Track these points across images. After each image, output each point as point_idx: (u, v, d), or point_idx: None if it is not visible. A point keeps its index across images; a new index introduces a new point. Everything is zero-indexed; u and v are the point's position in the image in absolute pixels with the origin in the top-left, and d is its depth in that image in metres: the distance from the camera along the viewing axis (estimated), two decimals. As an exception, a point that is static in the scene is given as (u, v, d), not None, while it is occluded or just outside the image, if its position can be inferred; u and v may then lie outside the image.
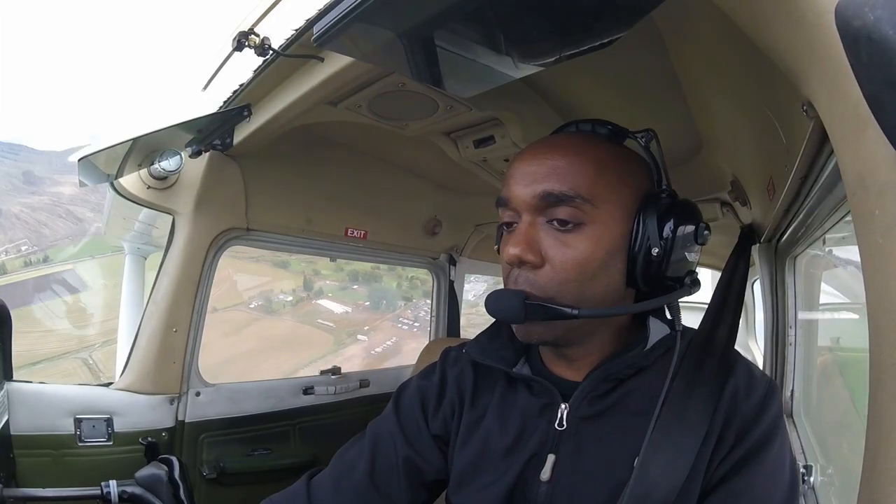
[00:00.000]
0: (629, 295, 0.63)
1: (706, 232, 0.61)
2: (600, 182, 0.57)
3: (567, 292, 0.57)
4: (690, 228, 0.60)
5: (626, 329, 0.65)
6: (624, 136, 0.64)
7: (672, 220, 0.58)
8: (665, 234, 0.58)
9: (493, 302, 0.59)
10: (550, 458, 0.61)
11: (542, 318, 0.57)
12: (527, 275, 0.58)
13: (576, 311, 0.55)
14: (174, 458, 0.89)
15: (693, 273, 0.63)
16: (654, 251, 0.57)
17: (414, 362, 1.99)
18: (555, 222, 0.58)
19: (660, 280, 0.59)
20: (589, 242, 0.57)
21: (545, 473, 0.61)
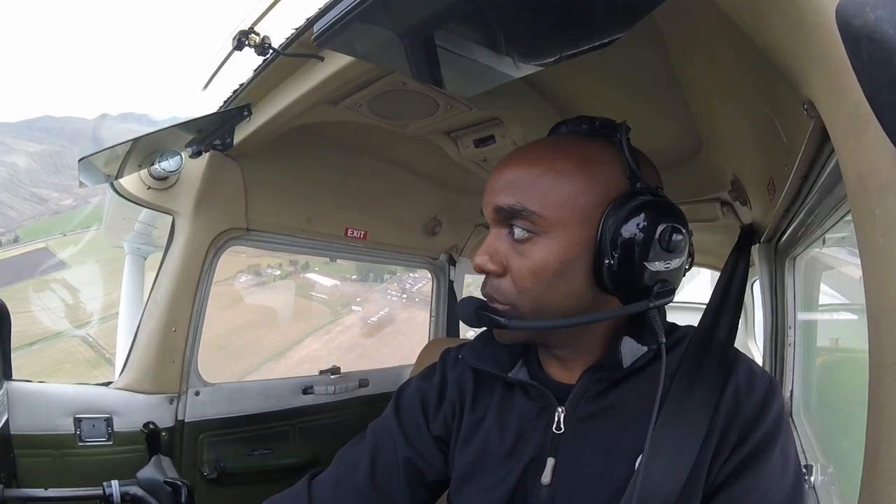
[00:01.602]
0: (607, 301, 0.61)
1: (675, 235, 0.55)
2: (552, 193, 0.57)
3: (526, 300, 0.59)
4: (653, 233, 0.55)
5: (616, 330, 0.64)
6: (605, 131, 0.62)
7: (629, 225, 0.55)
8: (620, 241, 0.55)
9: (459, 307, 0.64)
10: (550, 461, 0.61)
11: (486, 325, 0.62)
12: (492, 282, 0.61)
13: (506, 322, 0.59)
14: (181, 484, 0.89)
15: (665, 282, 0.57)
16: (606, 261, 0.56)
17: (413, 362, 2.00)
18: (512, 233, 0.60)
19: (626, 288, 0.57)
20: (542, 253, 0.58)
21: (545, 477, 0.61)
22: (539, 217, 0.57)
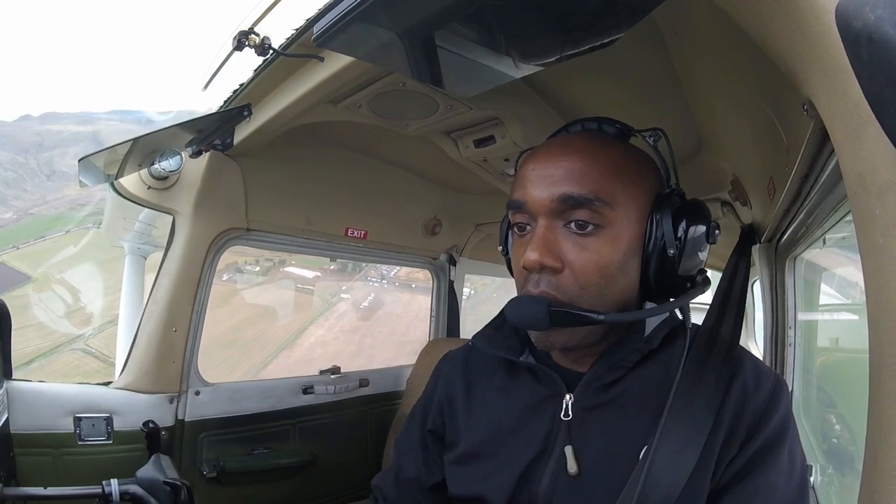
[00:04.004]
0: (639, 292, 0.63)
1: (717, 231, 0.61)
2: (617, 184, 0.57)
3: (588, 295, 0.57)
4: (702, 228, 0.60)
5: (632, 324, 0.65)
6: (630, 134, 0.64)
7: (685, 220, 0.59)
8: (679, 234, 0.58)
9: (515, 309, 0.59)
10: (569, 449, 0.60)
11: (567, 324, 0.57)
12: (548, 278, 0.58)
13: (602, 317, 0.55)
14: (181, 484, 0.89)
15: (703, 272, 0.63)
16: (670, 252, 0.58)
17: (413, 362, 2.00)
18: (573, 225, 0.57)
19: (672, 279, 0.60)
20: (608, 245, 0.57)
21: (572, 467, 0.59)
22: (609, 208, 0.57)
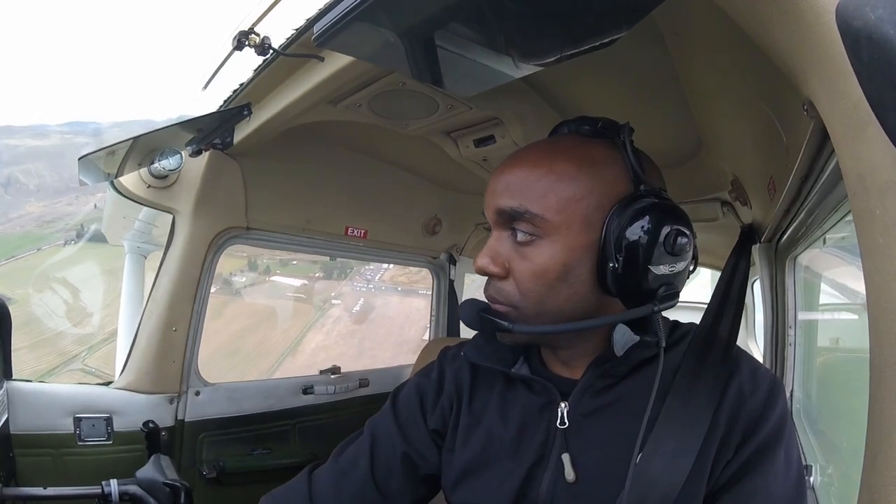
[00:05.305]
0: (610, 303, 0.60)
1: (680, 238, 0.55)
2: (553, 195, 0.57)
3: (529, 302, 0.59)
4: (657, 236, 0.55)
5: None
6: (608, 132, 0.62)
7: (633, 228, 0.55)
8: (624, 244, 0.55)
9: (461, 309, 0.64)
10: (566, 457, 0.60)
11: (489, 329, 0.60)
12: (495, 284, 0.61)
13: (510, 326, 0.58)
14: (180, 485, 0.89)
15: (669, 286, 0.57)
16: (610, 264, 0.56)
17: (412, 362, 2.00)
18: (514, 236, 0.60)
19: (630, 291, 0.57)
20: (544, 255, 0.57)
21: (570, 474, 0.60)
22: (541, 219, 0.57)
